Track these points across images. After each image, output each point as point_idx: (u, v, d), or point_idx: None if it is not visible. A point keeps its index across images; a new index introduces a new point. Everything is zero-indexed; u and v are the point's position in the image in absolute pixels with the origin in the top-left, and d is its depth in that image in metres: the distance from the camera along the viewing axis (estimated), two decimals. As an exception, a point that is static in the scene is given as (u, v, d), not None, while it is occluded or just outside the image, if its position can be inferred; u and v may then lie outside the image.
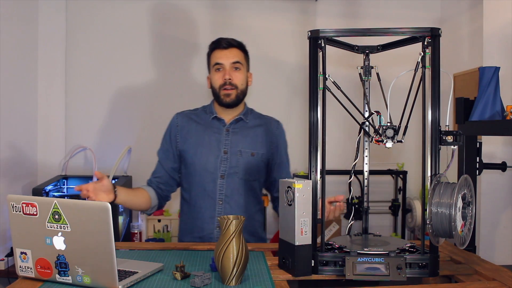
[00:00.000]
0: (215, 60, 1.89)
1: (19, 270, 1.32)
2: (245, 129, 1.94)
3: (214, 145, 1.90)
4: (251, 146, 1.91)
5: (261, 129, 1.97)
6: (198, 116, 1.98)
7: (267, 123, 2.00)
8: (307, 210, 1.39)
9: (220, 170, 1.87)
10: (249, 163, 1.89)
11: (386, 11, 3.69)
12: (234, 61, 1.89)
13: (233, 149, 1.89)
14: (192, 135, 1.92)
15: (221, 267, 1.30)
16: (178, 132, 1.94)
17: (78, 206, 1.23)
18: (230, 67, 1.88)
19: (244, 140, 1.91)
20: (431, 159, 1.41)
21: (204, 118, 1.96)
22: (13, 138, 2.96)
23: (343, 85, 1.52)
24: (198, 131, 1.93)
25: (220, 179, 1.87)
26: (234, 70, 1.89)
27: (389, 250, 1.41)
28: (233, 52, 1.90)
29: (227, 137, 1.91)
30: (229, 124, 1.93)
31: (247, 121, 1.96)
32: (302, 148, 3.63)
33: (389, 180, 3.78)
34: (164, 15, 3.49)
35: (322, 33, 1.46)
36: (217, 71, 1.89)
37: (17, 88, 3.03)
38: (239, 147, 1.90)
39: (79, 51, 3.40)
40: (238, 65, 1.90)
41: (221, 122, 1.94)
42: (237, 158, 1.88)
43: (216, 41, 1.93)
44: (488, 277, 1.40)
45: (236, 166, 1.88)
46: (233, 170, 1.87)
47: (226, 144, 1.90)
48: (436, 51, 1.42)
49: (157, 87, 3.48)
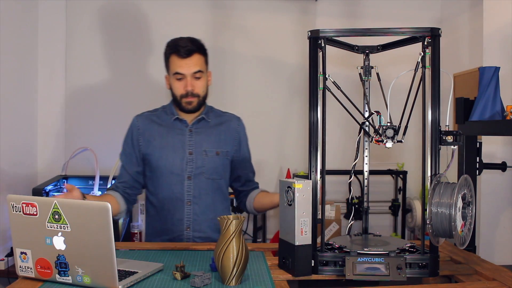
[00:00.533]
0: (175, 69, 1.82)
1: (19, 270, 1.32)
2: (207, 128, 1.92)
3: (179, 146, 1.87)
4: (216, 145, 1.90)
5: (223, 127, 1.94)
6: (159, 117, 1.94)
7: (228, 120, 1.97)
8: (307, 210, 1.39)
9: (186, 171, 1.85)
10: (215, 162, 1.88)
11: (386, 11, 3.69)
12: (195, 71, 1.82)
13: (198, 149, 1.87)
14: (155, 137, 1.89)
15: (221, 267, 1.30)
16: (140, 135, 1.90)
17: (78, 206, 1.23)
18: (191, 77, 1.83)
19: (208, 140, 1.89)
20: (431, 159, 1.41)
21: (165, 119, 1.92)
22: (13, 138, 2.96)
23: (343, 85, 1.52)
24: (161, 133, 1.89)
25: (187, 180, 1.85)
26: (195, 80, 1.84)
27: (389, 250, 1.41)
28: (193, 60, 1.82)
29: (190, 138, 1.88)
30: (191, 125, 1.90)
31: (209, 120, 1.93)
32: (302, 148, 3.65)
33: (389, 180, 3.78)
34: (164, 15, 3.49)
35: (322, 33, 1.46)
36: (178, 80, 1.84)
37: (17, 88, 3.03)
38: (203, 147, 1.88)
39: (79, 51, 3.40)
40: (199, 74, 1.84)
41: (183, 123, 1.90)
42: (203, 158, 1.87)
43: (174, 45, 1.84)
44: (488, 277, 1.40)
45: (202, 166, 1.86)
46: (199, 170, 1.86)
47: (190, 144, 1.87)
48: (436, 51, 1.42)
49: (157, 86, 3.48)
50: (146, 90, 3.47)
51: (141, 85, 3.47)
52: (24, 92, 3.14)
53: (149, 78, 3.48)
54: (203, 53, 1.88)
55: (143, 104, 3.43)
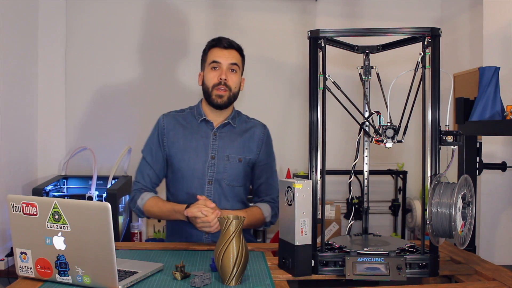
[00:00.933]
0: (213, 58, 1.85)
1: (19, 270, 1.32)
2: (232, 133, 1.91)
3: (202, 149, 1.86)
4: (239, 152, 1.89)
5: (248, 134, 1.93)
6: (185, 119, 1.93)
7: (254, 127, 1.96)
8: (307, 210, 1.39)
9: (207, 175, 1.85)
10: (236, 169, 1.87)
11: (386, 11, 3.69)
12: (232, 62, 1.85)
13: (221, 154, 1.86)
14: (179, 139, 1.89)
15: (221, 267, 1.30)
16: (165, 135, 1.90)
17: (78, 206, 1.23)
18: (227, 67, 1.85)
19: (232, 145, 1.88)
20: (431, 159, 1.41)
21: (191, 121, 1.92)
22: (13, 138, 2.96)
23: (343, 85, 1.52)
24: (186, 135, 1.89)
25: (207, 184, 1.84)
26: (230, 72, 1.86)
27: (389, 250, 1.41)
28: (232, 53, 1.87)
29: (214, 142, 1.88)
30: (216, 128, 1.89)
31: (234, 125, 1.92)
32: (302, 148, 3.65)
33: (389, 180, 3.78)
34: (164, 15, 3.49)
35: (322, 33, 1.46)
36: (213, 69, 1.85)
37: (17, 88, 3.03)
38: (226, 152, 1.87)
39: (79, 51, 3.40)
40: (235, 67, 1.87)
41: (209, 126, 1.90)
42: (224, 163, 1.86)
43: (217, 39, 1.90)
44: (488, 277, 1.40)
45: (224, 171, 1.85)
46: (220, 175, 1.85)
47: (213, 149, 1.87)
48: (436, 51, 1.42)
49: (158, 86, 3.48)
50: (146, 90, 3.47)
51: (141, 85, 3.47)
52: (24, 92, 3.14)
53: (149, 78, 3.48)
54: (241, 53, 1.92)
55: (143, 104, 3.45)
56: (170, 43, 3.48)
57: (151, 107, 3.45)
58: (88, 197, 2.86)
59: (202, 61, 1.93)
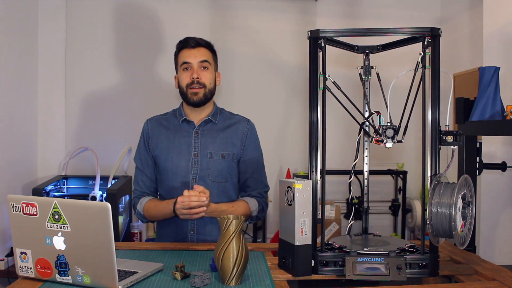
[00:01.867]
0: (183, 59, 1.88)
1: (19, 270, 1.32)
2: (214, 130, 1.92)
3: (184, 148, 1.88)
4: (221, 147, 1.89)
5: (231, 129, 1.94)
6: (167, 120, 1.97)
7: (237, 122, 1.96)
8: (307, 210, 1.39)
9: (191, 173, 1.86)
10: (220, 165, 1.88)
11: (386, 11, 3.69)
12: (201, 60, 1.87)
13: (203, 151, 1.88)
14: (163, 140, 1.92)
15: (221, 267, 1.30)
16: (150, 139, 1.94)
17: (78, 206, 1.23)
18: (198, 66, 1.86)
19: (214, 142, 1.89)
20: (431, 159, 1.41)
21: (173, 122, 1.95)
22: (13, 138, 2.96)
23: (343, 85, 1.52)
24: (168, 136, 1.92)
25: (191, 182, 1.85)
26: (202, 69, 1.87)
27: (389, 250, 1.41)
28: (200, 51, 1.88)
29: (196, 140, 1.89)
30: (198, 126, 1.91)
31: (216, 122, 1.93)
32: (302, 148, 3.65)
33: (389, 180, 3.78)
34: (164, 15, 3.49)
35: (322, 33, 1.46)
36: (185, 70, 1.88)
37: (17, 88, 3.03)
38: (209, 149, 1.88)
39: (79, 51, 3.40)
40: (206, 64, 1.88)
41: (190, 125, 1.92)
42: (208, 160, 1.87)
43: (184, 40, 1.92)
44: (488, 277, 1.40)
45: (207, 168, 1.86)
46: (204, 172, 1.86)
47: (195, 147, 1.88)
48: (436, 51, 1.42)
49: (158, 86, 3.48)
50: (146, 90, 3.47)
51: (141, 85, 3.48)
52: (24, 93, 3.15)
53: (150, 78, 3.48)
54: (210, 49, 1.93)
55: (143, 103, 3.45)
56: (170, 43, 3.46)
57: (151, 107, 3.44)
58: (92, 197, 2.86)
59: (175, 64, 1.95)
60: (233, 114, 2.01)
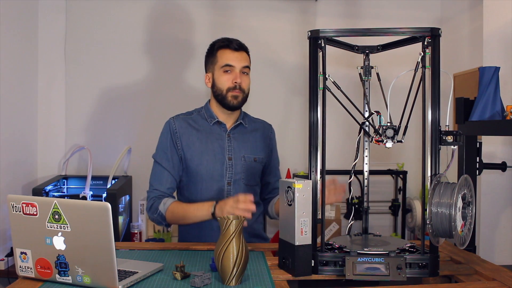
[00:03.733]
0: (226, 61, 1.84)
1: (19, 270, 1.32)
2: (244, 134, 1.93)
3: (218, 152, 1.87)
4: (253, 151, 1.92)
5: (258, 133, 1.97)
6: (195, 121, 1.92)
7: (262, 127, 2.01)
8: (307, 210, 1.39)
9: (226, 177, 1.86)
10: (252, 168, 1.90)
11: (386, 11, 3.68)
12: (244, 65, 1.86)
13: (237, 154, 1.88)
14: (194, 142, 1.87)
15: (221, 267, 1.30)
16: (178, 138, 1.88)
17: (78, 206, 1.23)
18: (240, 70, 1.85)
19: (246, 146, 1.91)
20: (431, 159, 1.41)
21: (202, 123, 1.91)
22: (13, 138, 2.96)
23: (343, 85, 1.52)
24: (200, 138, 1.88)
25: (227, 186, 1.86)
26: (242, 74, 1.86)
27: (389, 250, 1.41)
28: (243, 55, 1.88)
29: (229, 143, 1.89)
30: (230, 129, 1.91)
31: (246, 125, 1.94)
32: (302, 148, 3.64)
33: (389, 180, 3.78)
34: (164, 15, 3.49)
35: (322, 33, 1.46)
36: (226, 72, 1.84)
37: (17, 88, 3.03)
38: (242, 152, 1.89)
39: (79, 51, 3.40)
40: (247, 69, 1.88)
41: (222, 128, 1.90)
42: (241, 164, 1.88)
43: (226, 40, 1.89)
44: (488, 277, 1.40)
45: (241, 172, 1.87)
46: (238, 176, 1.87)
47: (229, 150, 1.88)
48: (436, 51, 1.42)
49: (157, 87, 3.48)
50: (147, 90, 3.47)
51: (141, 85, 3.47)
52: (24, 92, 3.14)
53: (150, 78, 3.48)
54: (248, 54, 1.94)
55: (143, 104, 3.45)
56: (170, 43, 3.48)
57: (151, 107, 3.46)
58: (82, 196, 2.84)
59: (210, 63, 1.91)
60: (255, 118, 2.04)
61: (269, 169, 2.00)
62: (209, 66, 1.92)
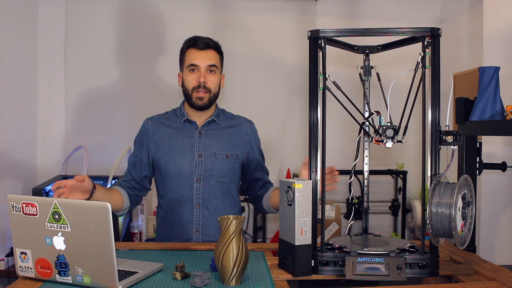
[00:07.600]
0: (191, 61, 1.84)
1: (19, 270, 1.32)
2: (217, 131, 1.91)
3: (188, 149, 1.86)
4: (225, 148, 1.89)
5: (234, 130, 1.94)
6: (169, 120, 1.93)
7: (239, 123, 1.96)
8: (307, 210, 1.39)
9: (195, 174, 1.84)
10: (224, 165, 1.87)
11: (386, 11, 3.69)
12: (210, 64, 1.84)
13: (207, 151, 1.86)
14: (164, 140, 1.89)
15: (221, 267, 1.30)
16: (150, 138, 1.90)
17: (78, 206, 1.23)
18: (205, 69, 1.84)
19: (218, 142, 1.88)
20: (431, 159, 1.41)
21: (175, 121, 1.92)
22: (13, 138, 2.96)
23: (343, 85, 1.52)
24: (171, 136, 1.89)
25: (196, 183, 1.84)
26: (209, 73, 1.85)
27: (389, 250, 1.41)
28: (209, 54, 1.85)
29: (200, 140, 1.88)
30: (201, 127, 1.89)
31: (219, 122, 1.92)
32: (302, 148, 3.64)
33: (389, 180, 3.78)
34: (164, 15, 3.49)
35: (322, 33, 1.46)
36: (191, 71, 1.84)
37: (17, 88, 3.03)
38: (213, 149, 1.87)
39: (78, 51, 3.40)
40: (214, 68, 1.85)
41: (193, 125, 1.90)
42: (212, 160, 1.86)
43: (193, 39, 1.89)
44: (488, 277, 1.40)
45: (211, 169, 1.85)
46: (208, 173, 1.85)
47: (199, 147, 1.87)
48: (436, 51, 1.42)
49: (157, 87, 3.48)
50: (146, 90, 3.47)
51: (141, 85, 3.48)
52: (24, 92, 3.15)
53: (149, 78, 3.48)
54: (218, 51, 1.90)
55: (143, 104, 3.45)
56: (170, 43, 3.48)
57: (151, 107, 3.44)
58: None
59: (180, 62, 1.92)
60: (234, 115, 2.00)
61: (255, 165, 1.95)
62: (181, 66, 1.93)
